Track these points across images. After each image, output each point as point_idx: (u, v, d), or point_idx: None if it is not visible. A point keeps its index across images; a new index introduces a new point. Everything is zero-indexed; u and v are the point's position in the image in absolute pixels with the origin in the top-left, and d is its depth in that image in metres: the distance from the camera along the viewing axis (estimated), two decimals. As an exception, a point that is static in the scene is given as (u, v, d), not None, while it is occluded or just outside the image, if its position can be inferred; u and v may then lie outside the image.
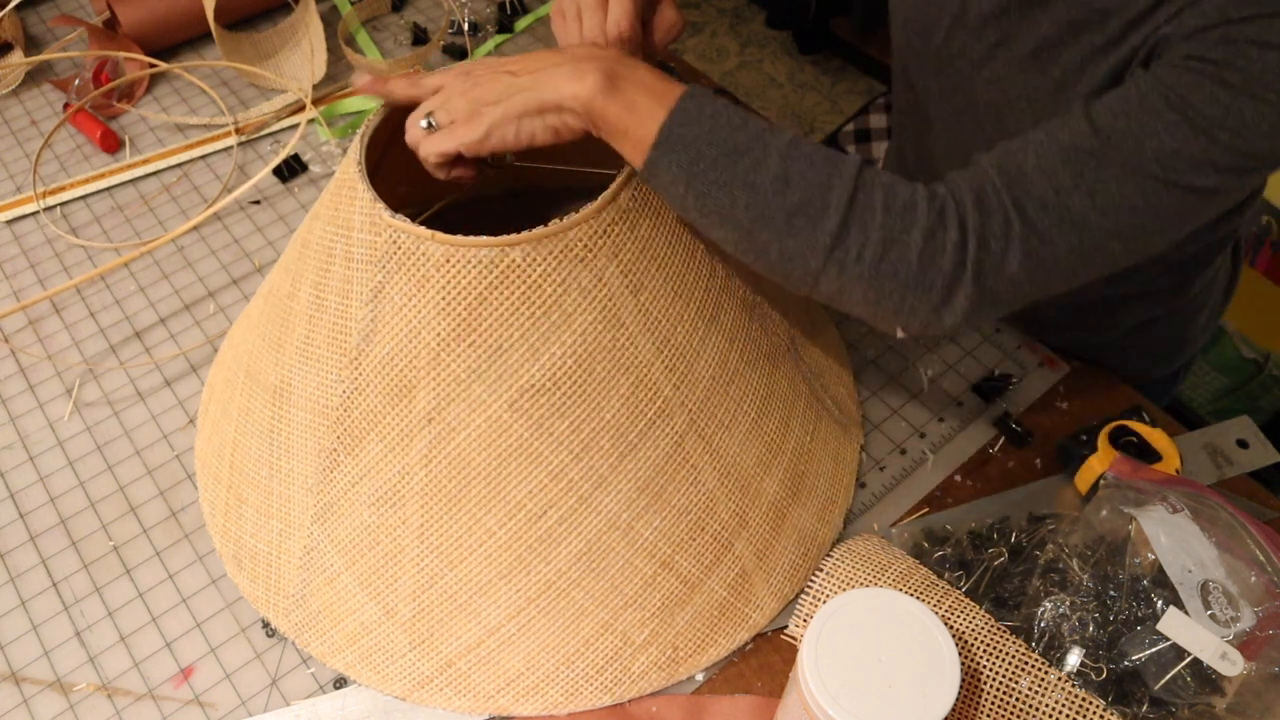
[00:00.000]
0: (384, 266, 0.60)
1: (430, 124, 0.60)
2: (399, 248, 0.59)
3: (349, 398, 0.64)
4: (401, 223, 0.59)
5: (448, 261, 0.58)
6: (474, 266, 0.58)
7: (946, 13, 0.74)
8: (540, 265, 0.58)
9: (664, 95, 0.55)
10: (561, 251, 0.59)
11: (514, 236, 0.58)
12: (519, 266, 0.58)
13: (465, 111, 0.59)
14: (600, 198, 0.60)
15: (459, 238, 0.58)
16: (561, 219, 0.58)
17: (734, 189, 0.55)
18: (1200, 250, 0.83)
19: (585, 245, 0.59)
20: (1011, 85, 0.71)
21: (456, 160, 0.62)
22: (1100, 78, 0.64)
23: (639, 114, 0.55)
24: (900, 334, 0.59)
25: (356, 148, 0.63)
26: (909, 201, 0.54)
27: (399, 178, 0.69)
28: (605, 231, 0.60)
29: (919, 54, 0.79)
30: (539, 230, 0.58)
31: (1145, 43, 0.59)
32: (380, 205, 0.60)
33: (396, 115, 0.68)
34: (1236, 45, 0.52)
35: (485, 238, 0.58)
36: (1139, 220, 0.55)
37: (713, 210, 0.56)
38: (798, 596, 0.73)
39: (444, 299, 0.59)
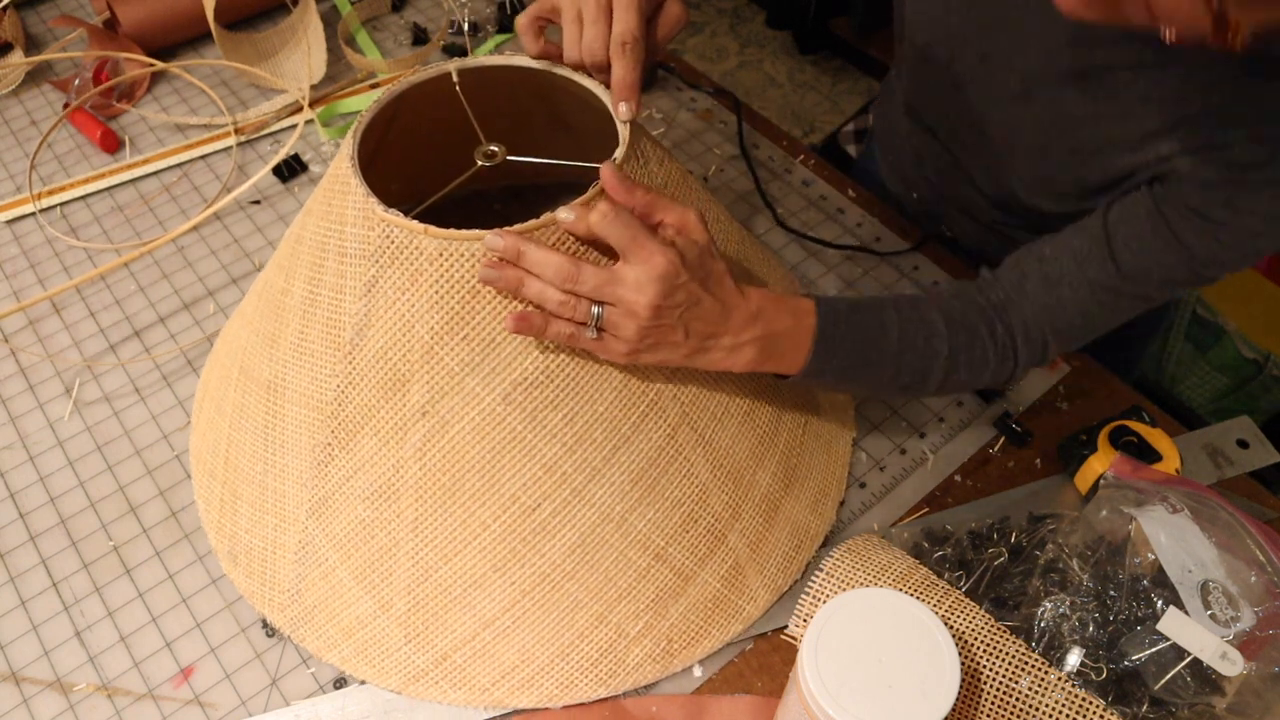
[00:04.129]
0: (377, 261, 0.60)
1: (598, 318, 0.58)
2: (392, 242, 0.59)
3: (343, 392, 0.64)
4: (395, 217, 0.59)
5: (441, 255, 0.58)
6: (467, 260, 0.58)
7: (970, 52, 0.77)
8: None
9: (802, 338, 0.65)
10: (554, 244, 0.59)
11: (506, 230, 0.58)
12: (512, 260, 0.58)
13: (632, 337, 0.59)
14: (589, 191, 0.60)
15: (452, 231, 0.58)
16: (553, 212, 0.58)
17: (861, 385, 0.72)
18: None
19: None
20: (1030, 145, 0.76)
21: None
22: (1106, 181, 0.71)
23: (785, 362, 0.66)
24: None
25: (349, 143, 0.63)
26: (983, 357, 0.71)
27: (392, 174, 0.69)
28: None
29: (934, 85, 0.83)
30: (531, 223, 0.58)
31: (1157, 164, 0.67)
32: (373, 200, 0.60)
33: (390, 112, 0.68)
34: (1236, 211, 0.64)
35: (478, 230, 0.58)
36: (1139, 312, 0.72)
37: (846, 389, 0.76)
38: (791, 588, 0.73)
39: (437, 293, 0.59)
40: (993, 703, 0.63)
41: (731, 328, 0.61)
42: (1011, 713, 0.63)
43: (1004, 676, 0.63)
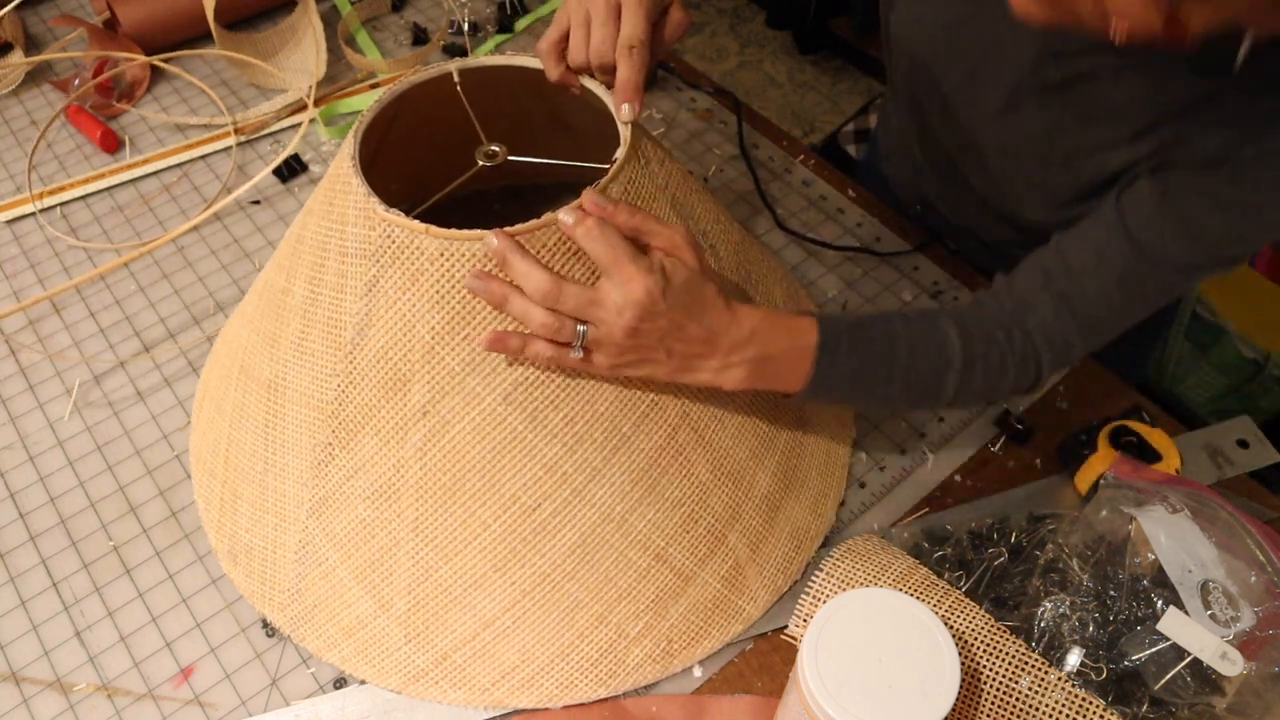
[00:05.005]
0: (378, 260, 0.60)
1: (583, 337, 0.58)
2: (393, 241, 0.59)
3: (343, 391, 0.64)
4: (396, 216, 0.59)
5: (442, 255, 0.58)
6: (468, 260, 0.58)
7: (954, 73, 0.77)
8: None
9: (801, 358, 0.64)
10: (554, 244, 0.59)
11: (506, 230, 0.58)
12: (512, 259, 0.58)
13: (611, 355, 0.59)
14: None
15: (452, 231, 0.58)
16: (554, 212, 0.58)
17: (869, 404, 0.73)
18: None
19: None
20: (1023, 153, 0.76)
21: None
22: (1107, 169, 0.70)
23: (782, 382, 0.65)
24: None
25: (350, 142, 0.63)
26: (1001, 365, 0.69)
27: (393, 174, 0.69)
28: None
29: (924, 105, 0.83)
30: (531, 223, 0.58)
31: (1152, 156, 0.67)
32: (374, 199, 0.60)
33: (391, 111, 0.68)
34: (1241, 186, 0.63)
35: (479, 230, 0.58)
36: (1163, 302, 0.71)
37: (854, 405, 0.74)
38: (790, 589, 0.73)
39: (438, 292, 0.59)
40: (993, 703, 0.63)
41: (719, 351, 0.61)
42: (1011, 713, 0.63)
43: (1004, 676, 0.63)
